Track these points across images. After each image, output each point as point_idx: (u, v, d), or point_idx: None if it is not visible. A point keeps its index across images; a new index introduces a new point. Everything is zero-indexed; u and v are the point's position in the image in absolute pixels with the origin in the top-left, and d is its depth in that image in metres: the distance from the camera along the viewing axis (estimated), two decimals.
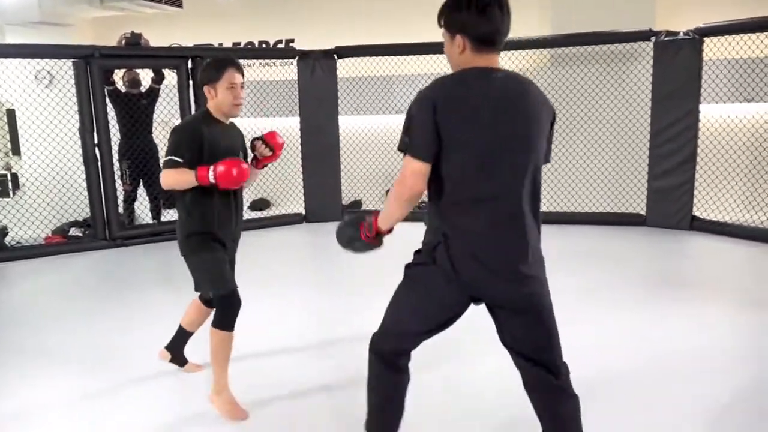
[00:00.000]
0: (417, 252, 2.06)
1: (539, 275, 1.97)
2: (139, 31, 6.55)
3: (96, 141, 5.78)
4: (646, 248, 5.63)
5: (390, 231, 2.08)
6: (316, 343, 3.66)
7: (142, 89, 6.40)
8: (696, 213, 6.02)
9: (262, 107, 7.28)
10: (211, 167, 2.61)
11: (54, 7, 7.48)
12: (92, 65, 5.67)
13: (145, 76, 6.52)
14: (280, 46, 8.56)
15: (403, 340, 2.08)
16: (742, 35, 5.62)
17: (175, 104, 6.18)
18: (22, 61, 6.54)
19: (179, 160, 2.65)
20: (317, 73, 6.73)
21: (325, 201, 6.92)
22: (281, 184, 7.29)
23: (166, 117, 6.62)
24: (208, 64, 2.81)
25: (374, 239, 2.08)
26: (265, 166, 2.97)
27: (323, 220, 6.89)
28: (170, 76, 6.42)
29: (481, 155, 1.86)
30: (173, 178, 2.67)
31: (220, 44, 8.67)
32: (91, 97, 5.72)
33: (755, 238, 5.53)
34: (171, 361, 3.23)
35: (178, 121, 6.30)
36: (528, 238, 1.92)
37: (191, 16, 8.44)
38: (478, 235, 1.90)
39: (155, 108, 6.44)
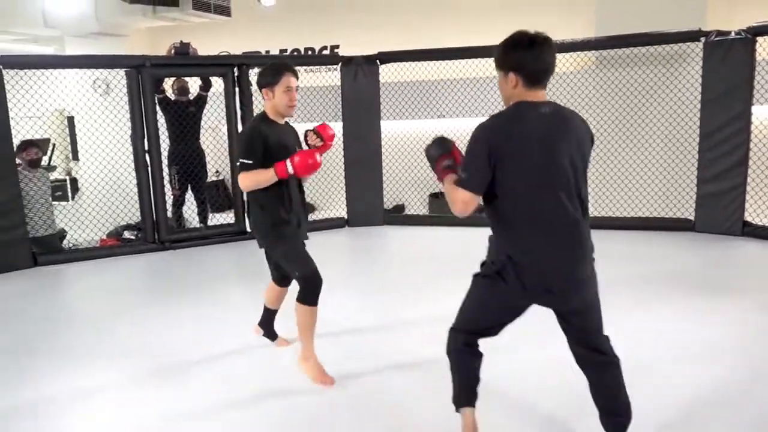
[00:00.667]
0: (483, 264, 2.37)
1: (593, 276, 2.30)
2: (188, 40, 6.77)
3: (146, 147, 5.98)
4: (693, 254, 5.47)
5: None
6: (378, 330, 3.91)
7: (191, 97, 6.60)
8: (748, 218, 5.81)
9: (306, 113, 7.39)
10: (288, 160, 2.91)
11: (110, 19, 7.81)
12: (143, 74, 5.88)
13: (194, 84, 6.72)
14: (325, 52, 8.70)
15: (475, 333, 2.42)
16: None
17: (222, 111, 6.35)
18: (79, 70, 6.86)
19: (250, 162, 2.94)
20: (359, 78, 6.80)
21: (367, 205, 6.98)
22: (325, 188, 7.38)
23: (213, 123, 6.83)
24: (267, 69, 3.05)
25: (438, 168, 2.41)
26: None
27: (365, 225, 6.96)
28: (217, 84, 6.60)
29: (535, 183, 2.16)
30: (251, 180, 2.97)
31: (267, 51, 8.87)
32: (142, 104, 5.92)
33: None
34: (264, 335, 3.63)
35: (224, 128, 6.51)
36: (584, 247, 2.25)
37: (239, 25, 8.67)
38: (541, 255, 2.20)
39: (203, 115, 6.63)
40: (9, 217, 5.53)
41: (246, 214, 6.25)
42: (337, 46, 8.62)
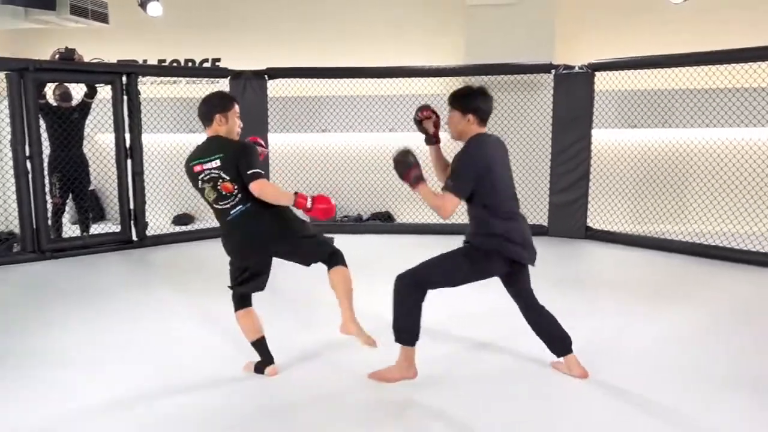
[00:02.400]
0: (467, 242, 3.17)
1: None
2: (59, 46, 6.65)
3: (28, 153, 5.82)
4: (549, 255, 6.35)
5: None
6: None
7: (74, 103, 6.48)
8: (589, 224, 6.83)
9: (191, 125, 7.50)
10: (310, 199, 3.12)
11: None
12: (26, 78, 5.73)
13: (77, 90, 6.61)
14: (206, 64, 8.80)
15: (439, 285, 3.11)
16: (626, 70, 6.52)
17: (109, 119, 6.32)
18: None
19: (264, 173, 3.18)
20: (248, 92, 7.06)
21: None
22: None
23: (93, 132, 6.73)
24: (216, 98, 3.29)
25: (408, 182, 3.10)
26: None
27: None
28: (104, 91, 6.55)
29: (508, 185, 3.14)
30: (276, 192, 3.17)
31: (145, 60, 8.80)
32: (24, 109, 5.77)
33: (640, 244, 6.39)
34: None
35: (110, 135, 6.45)
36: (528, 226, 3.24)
37: (116, 32, 8.51)
38: (519, 230, 3.12)
39: (86, 122, 6.53)
40: None
41: (132, 223, 6.31)
42: (219, 60, 8.77)
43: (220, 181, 3.13)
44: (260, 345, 3.38)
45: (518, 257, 3.12)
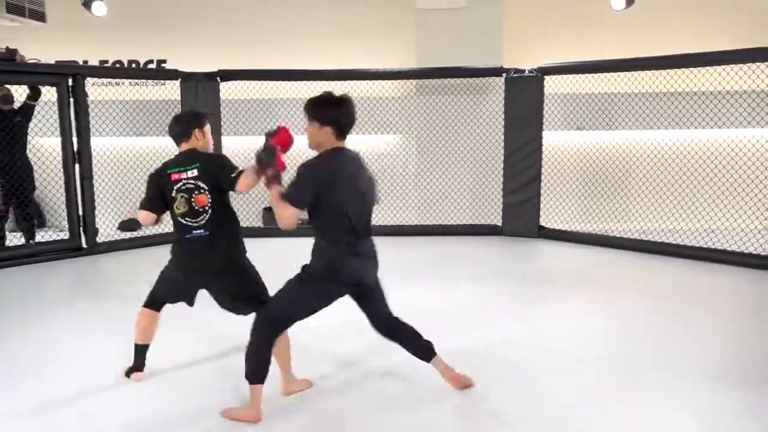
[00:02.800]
0: (307, 266, 2.93)
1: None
2: (8, 46, 6.35)
3: None
4: (502, 253, 6.56)
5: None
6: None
7: (15, 106, 6.19)
8: (542, 223, 7.06)
9: (140, 127, 7.30)
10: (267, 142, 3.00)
11: None
12: None
13: (19, 92, 6.31)
14: (151, 65, 8.56)
15: (293, 320, 2.96)
16: (575, 74, 6.78)
17: (55, 122, 6.07)
18: None
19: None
20: (200, 94, 6.92)
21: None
22: None
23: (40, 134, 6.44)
24: (191, 115, 3.39)
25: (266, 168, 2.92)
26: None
27: None
28: (48, 93, 6.28)
29: (357, 204, 2.85)
30: (250, 179, 3.09)
31: (85, 61, 8.47)
32: None
33: (590, 242, 6.66)
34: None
35: (52, 139, 6.18)
36: (374, 248, 3.03)
37: (54, 31, 8.16)
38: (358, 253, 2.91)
39: (29, 126, 6.25)
40: None
41: (82, 230, 6.09)
42: (164, 61, 8.55)
43: (196, 192, 3.11)
44: (142, 350, 3.38)
45: (347, 280, 2.92)
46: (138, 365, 3.37)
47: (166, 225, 3.32)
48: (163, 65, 8.51)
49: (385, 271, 3.14)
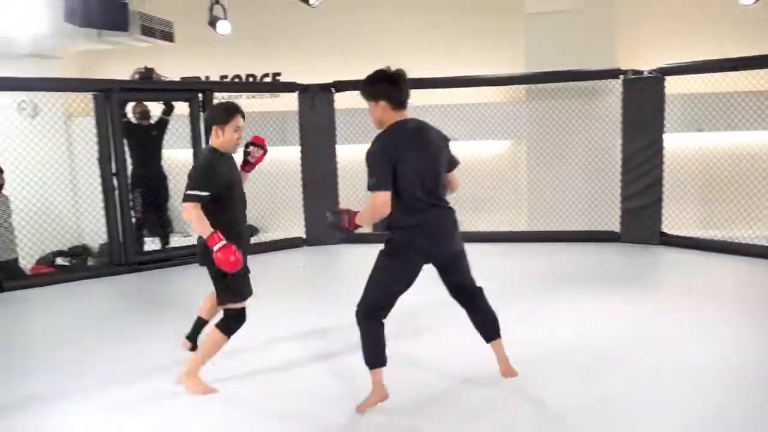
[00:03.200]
0: (388, 241, 3.08)
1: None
2: (140, 65, 6.87)
3: (114, 170, 6.00)
4: (622, 259, 6.35)
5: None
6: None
7: (152, 121, 6.67)
8: (664, 229, 6.78)
9: (261, 136, 7.65)
10: (221, 244, 3.03)
11: (49, 41, 7.63)
12: (112, 98, 5.92)
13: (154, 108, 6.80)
14: (267, 79, 8.96)
15: (386, 304, 3.07)
16: (698, 74, 6.48)
17: (188, 134, 6.49)
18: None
19: (203, 194, 3.13)
20: (316, 105, 7.18)
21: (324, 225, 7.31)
22: (279, 209, 7.64)
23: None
24: (219, 108, 3.34)
25: (353, 229, 3.10)
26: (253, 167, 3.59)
27: (322, 244, 7.30)
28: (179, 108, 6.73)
29: (419, 175, 2.96)
30: (196, 219, 3.10)
31: (207, 77, 8.99)
32: (110, 129, 5.95)
33: (714, 249, 6.33)
34: (191, 350, 3.56)
35: (188, 152, 6.63)
36: (451, 218, 3.10)
37: (180, 50, 8.72)
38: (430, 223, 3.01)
39: (164, 139, 6.72)
40: None
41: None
42: (279, 74, 8.93)
43: None
44: (200, 325, 3.61)
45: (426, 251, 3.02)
46: (192, 336, 3.58)
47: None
48: (277, 78, 8.89)
49: (506, 279, 3.18)
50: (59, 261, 8.82)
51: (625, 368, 3.62)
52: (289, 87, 7.16)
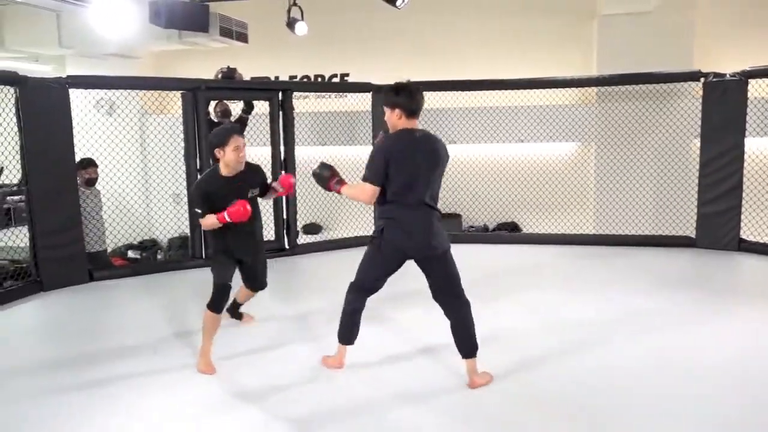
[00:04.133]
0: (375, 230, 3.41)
1: (442, 240, 3.36)
2: (220, 65, 7.08)
3: (198, 166, 6.19)
4: (699, 266, 6.25)
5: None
6: None
7: (232, 119, 6.85)
8: (743, 236, 6.64)
9: (336, 136, 7.83)
10: (226, 210, 3.58)
11: (132, 41, 7.93)
12: (198, 96, 6.12)
13: (234, 107, 7.00)
14: (335, 79, 9.12)
15: (367, 284, 3.47)
16: None
17: (266, 133, 6.66)
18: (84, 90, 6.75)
19: (199, 211, 3.71)
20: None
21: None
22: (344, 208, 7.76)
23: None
24: (217, 133, 3.72)
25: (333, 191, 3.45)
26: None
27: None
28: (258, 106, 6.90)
29: (409, 177, 3.21)
30: (205, 226, 3.75)
31: (276, 77, 9.19)
32: (196, 125, 6.15)
33: None
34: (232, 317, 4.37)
35: (263, 149, 6.78)
36: (430, 220, 3.30)
37: (252, 51, 8.94)
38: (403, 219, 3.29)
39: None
40: (69, 233, 5.59)
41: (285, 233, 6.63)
42: (347, 75, 9.07)
43: None
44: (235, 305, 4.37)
45: (399, 246, 3.30)
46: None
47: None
48: (345, 78, 9.03)
49: (573, 281, 3.13)
50: (130, 254, 9.16)
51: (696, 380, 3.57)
52: (363, 87, 7.25)
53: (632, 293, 5.20)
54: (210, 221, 3.62)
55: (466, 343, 3.39)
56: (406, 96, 3.25)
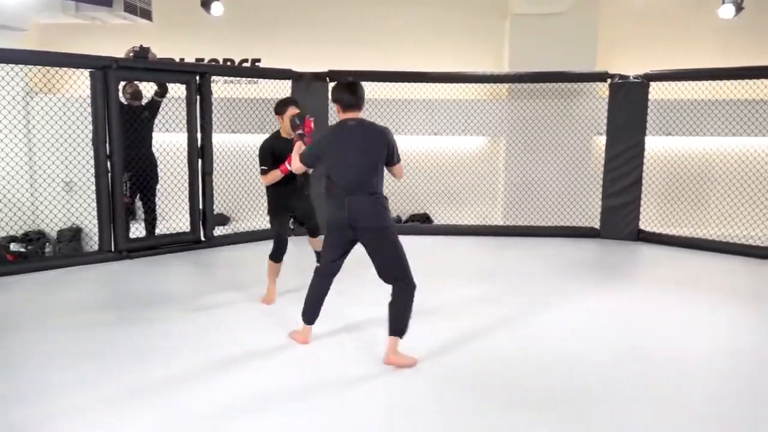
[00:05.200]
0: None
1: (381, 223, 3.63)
2: (142, 44, 6.57)
3: (108, 151, 5.73)
4: (602, 254, 6.70)
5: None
6: None
7: (143, 102, 6.39)
8: (641, 227, 7.18)
9: (232, 124, 7.51)
10: (286, 161, 4.34)
11: (16, 10, 7.15)
12: (109, 76, 5.64)
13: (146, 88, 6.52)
14: (245, 64, 8.76)
15: (327, 263, 3.80)
16: (682, 81, 6.91)
17: (183, 118, 6.27)
18: None
19: (262, 168, 4.56)
20: (310, 94, 7.11)
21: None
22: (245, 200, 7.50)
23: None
24: (280, 102, 4.65)
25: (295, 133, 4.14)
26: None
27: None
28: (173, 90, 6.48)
29: (340, 162, 3.59)
30: (266, 181, 4.54)
31: (182, 59, 8.68)
32: (106, 108, 5.67)
33: (689, 246, 6.79)
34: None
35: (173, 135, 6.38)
36: (365, 205, 3.58)
37: (156, 30, 8.37)
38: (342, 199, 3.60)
39: (155, 121, 6.45)
40: None
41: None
42: (259, 60, 8.75)
43: None
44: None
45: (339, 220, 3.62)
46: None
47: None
48: (257, 64, 8.70)
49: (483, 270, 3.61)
50: (14, 247, 8.30)
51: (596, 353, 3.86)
52: (284, 74, 7.03)
53: (535, 279, 5.59)
54: (273, 175, 4.42)
55: (392, 322, 3.60)
56: (339, 92, 3.66)
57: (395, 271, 3.60)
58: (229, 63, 8.75)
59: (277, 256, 4.66)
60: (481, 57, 8.53)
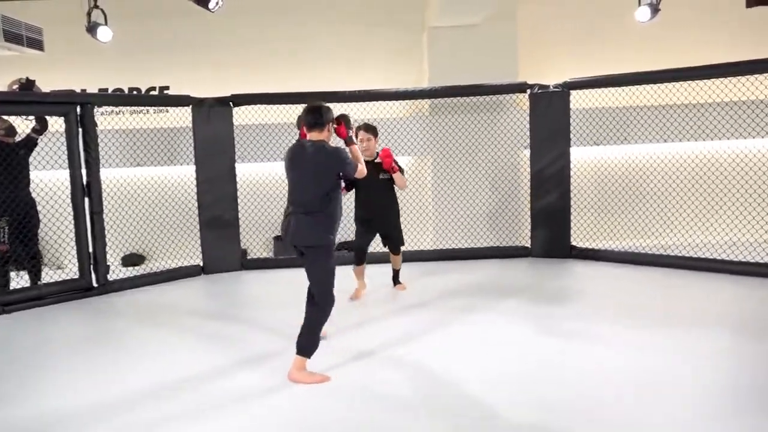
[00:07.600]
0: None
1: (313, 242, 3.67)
2: (28, 76, 6.02)
3: None
4: (535, 275, 6.26)
5: None
6: None
7: (17, 138, 5.80)
8: (573, 243, 6.81)
9: (137, 157, 6.99)
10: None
11: None
12: None
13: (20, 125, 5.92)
14: (153, 92, 8.22)
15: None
16: (602, 88, 6.60)
17: (63, 154, 5.69)
18: None
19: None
20: (213, 119, 6.61)
21: (224, 251, 6.72)
22: (173, 235, 6.96)
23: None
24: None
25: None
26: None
27: (222, 271, 6.69)
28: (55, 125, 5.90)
29: (292, 180, 3.75)
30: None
31: (83, 90, 8.10)
32: None
33: (623, 260, 6.42)
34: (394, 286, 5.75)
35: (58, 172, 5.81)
36: (301, 223, 3.66)
37: (50, 60, 7.78)
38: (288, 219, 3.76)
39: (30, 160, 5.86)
40: None
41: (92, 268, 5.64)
42: (167, 87, 8.22)
43: None
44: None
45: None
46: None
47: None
48: (165, 92, 8.18)
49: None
50: None
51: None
52: (182, 100, 6.53)
53: (462, 305, 5.16)
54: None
55: (299, 339, 3.64)
56: (304, 113, 3.82)
57: (315, 291, 3.68)
58: (135, 92, 8.20)
59: (357, 262, 5.43)
60: (403, 74, 8.17)
